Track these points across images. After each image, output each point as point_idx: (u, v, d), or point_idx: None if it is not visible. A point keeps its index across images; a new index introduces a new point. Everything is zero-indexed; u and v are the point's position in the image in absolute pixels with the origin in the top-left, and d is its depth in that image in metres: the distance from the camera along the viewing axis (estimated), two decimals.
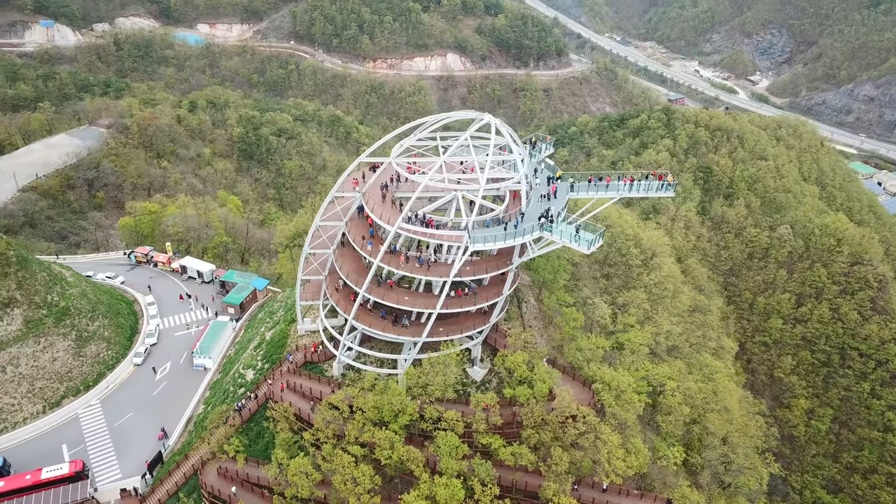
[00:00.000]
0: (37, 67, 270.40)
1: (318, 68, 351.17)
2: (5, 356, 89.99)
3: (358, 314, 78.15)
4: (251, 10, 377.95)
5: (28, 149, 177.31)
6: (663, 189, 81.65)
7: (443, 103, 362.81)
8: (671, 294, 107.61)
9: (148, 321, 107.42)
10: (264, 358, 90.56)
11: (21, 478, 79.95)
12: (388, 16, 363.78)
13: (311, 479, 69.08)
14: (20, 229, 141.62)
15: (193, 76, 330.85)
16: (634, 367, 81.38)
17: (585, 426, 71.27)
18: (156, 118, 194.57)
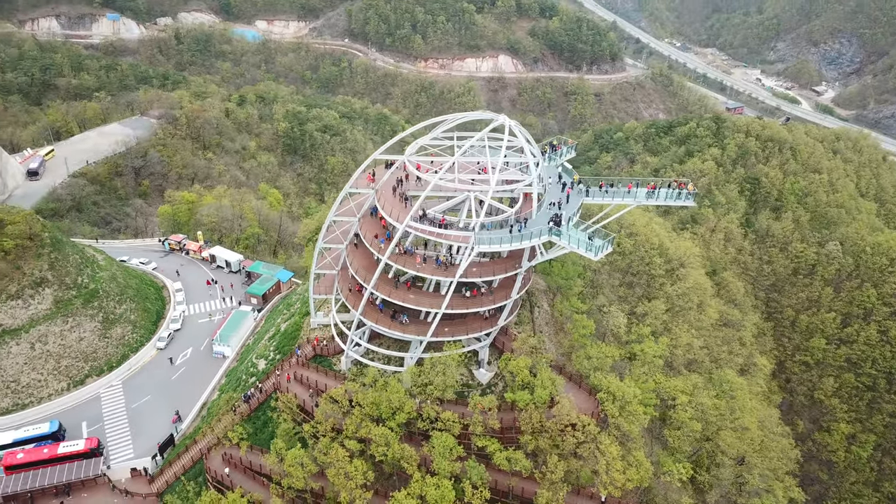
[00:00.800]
0: (100, 59, 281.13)
1: (369, 67, 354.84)
2: (35, 334, 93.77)
3: (366, 311, 78.53)
4: (308, 8, 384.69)
5: (82, 136, 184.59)
6: (683, 198, 79.50)
7: (492, 105, 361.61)
8: (695, 306, 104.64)
9: (174, 307, 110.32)
10: (276, 349, 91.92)
11: (39, 451, 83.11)
12: (441, 16, 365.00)
13: (306, 471, 69.75)
14: (67, 213, 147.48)
15: (249, 71, 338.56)
16: (644, 379, 79.25)
17: (584, 435, 69.95)
18: (204, 111, 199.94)
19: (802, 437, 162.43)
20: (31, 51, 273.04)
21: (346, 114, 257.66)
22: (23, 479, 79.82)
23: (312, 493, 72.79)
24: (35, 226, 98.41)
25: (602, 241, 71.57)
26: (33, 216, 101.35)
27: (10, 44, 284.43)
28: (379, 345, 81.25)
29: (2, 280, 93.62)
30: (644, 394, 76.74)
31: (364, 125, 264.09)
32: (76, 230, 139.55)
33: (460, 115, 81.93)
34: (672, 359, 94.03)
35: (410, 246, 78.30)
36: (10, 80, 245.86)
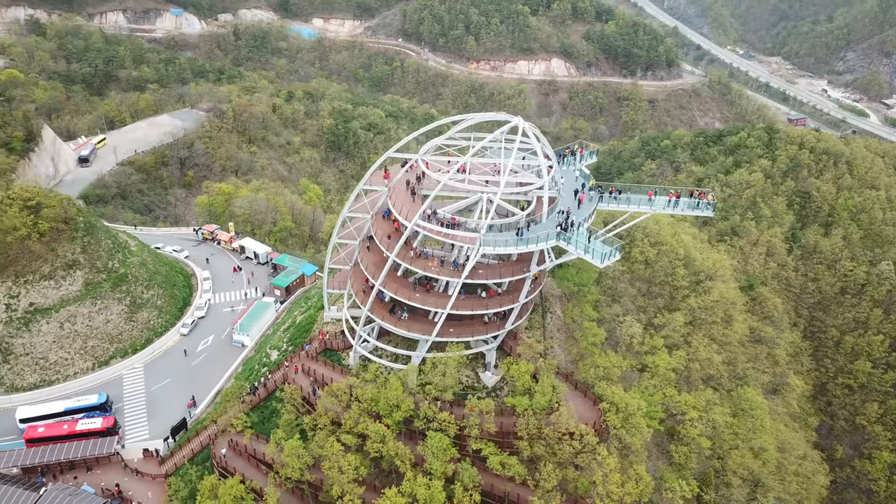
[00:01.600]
0: (160, 52, 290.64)
1: (421, 66, 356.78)
2: (64, 314, 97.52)
3: (375, 308, 78.93)
4: (364, 7, 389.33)
5: (134, 126, 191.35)
6: (702, 208, 77.48)
7: (542, 108, 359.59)
8: (720, 320, 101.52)
9: (200, 295, 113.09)
10: (289, 341, 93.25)
11: (59, 426, 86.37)
12: (495, 18, 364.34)
13: (302, 462, 70.50)
14: (112, 199, 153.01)
15: (303, 68, 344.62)
16: (652, 391, 77.35)
17: (582, 445, 68.67)
18: (252, 105, 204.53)
19: (841, 463, 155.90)
20: (97, 43, 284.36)
21: (392, 112, 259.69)
22: (41, 453, 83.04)
23: (310, 484, 73.53)
24: (70, 210, 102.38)
25: (610, 247, 70.45)
26: (69, 200, 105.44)
27: (79, 36, 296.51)
28: (387, 342, 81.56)
29: (36, 261, 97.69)
30: (649, 406, 74.94)
31: (410, 124, 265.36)
32: (119, 216, 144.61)
33: (477, 116, 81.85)
34: (689, 373, 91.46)
35: (420, 245, 78.35)
36: (76, 71, 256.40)
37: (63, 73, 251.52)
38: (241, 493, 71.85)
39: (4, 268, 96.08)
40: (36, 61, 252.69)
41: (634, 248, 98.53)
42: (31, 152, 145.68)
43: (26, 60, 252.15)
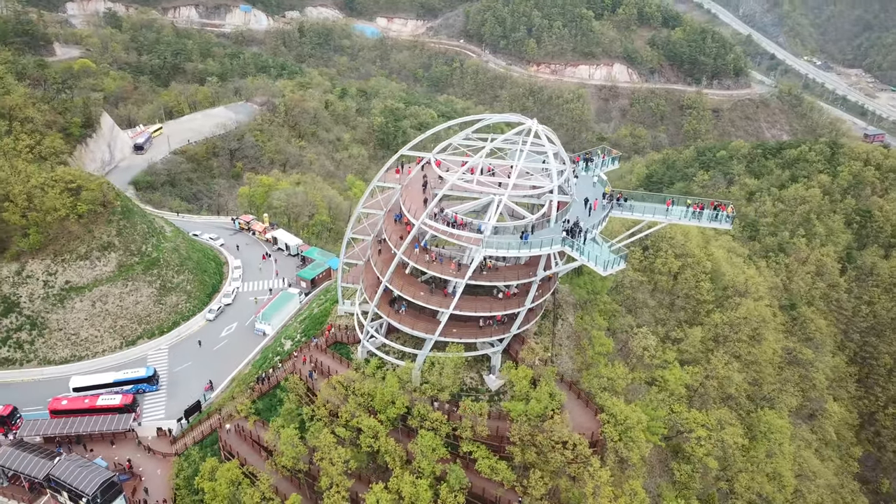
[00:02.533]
0: (226, 47, 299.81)
1: (480, 68, 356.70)
2: (97, 293, 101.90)
3: (382, 305, 79.45)
4: (428, 7, 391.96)
5: (190, 117, 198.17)
6: (721, 220, 74.93)
7: (601, 113, 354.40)
8: (747, 338, 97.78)
9: (230, 283, 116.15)
10: (303, 332, 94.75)
11: (80, 400, 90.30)
12: (558, 21, 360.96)
13: (295, 451, 71.59)
14: (161, 186, 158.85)
15: (364, 66, 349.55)
16: (655, 405, 75.25)
17: (574, 455, 67.32)
18: (304, 101, 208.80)
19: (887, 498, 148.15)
20: (167, 36, 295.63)
21: (445, 113, 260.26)
22: (63, 424, 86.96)
23: (306, 473, 74.55)
24: (109, 194, 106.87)
25: (615, 256, 69.00)
26: (108, 185, 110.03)
27: (152, 29, 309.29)
28: (395, 339, 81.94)
29: (74, 241, 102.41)
30: (651, 421, 72.92)
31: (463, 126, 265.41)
32: (165, 203, 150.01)
33: (495, 116, 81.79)
34: (705, 390, 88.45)
35: (422, 242, 78.32)
36: (145, 62, 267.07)
37: (133, 64, 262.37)
38: (237, 477, 73.65)
39: (45, 246, 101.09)
40: (109, 52, 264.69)
41: (658, 259, 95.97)
42: (89, 138, 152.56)
43: (100, 51, 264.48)
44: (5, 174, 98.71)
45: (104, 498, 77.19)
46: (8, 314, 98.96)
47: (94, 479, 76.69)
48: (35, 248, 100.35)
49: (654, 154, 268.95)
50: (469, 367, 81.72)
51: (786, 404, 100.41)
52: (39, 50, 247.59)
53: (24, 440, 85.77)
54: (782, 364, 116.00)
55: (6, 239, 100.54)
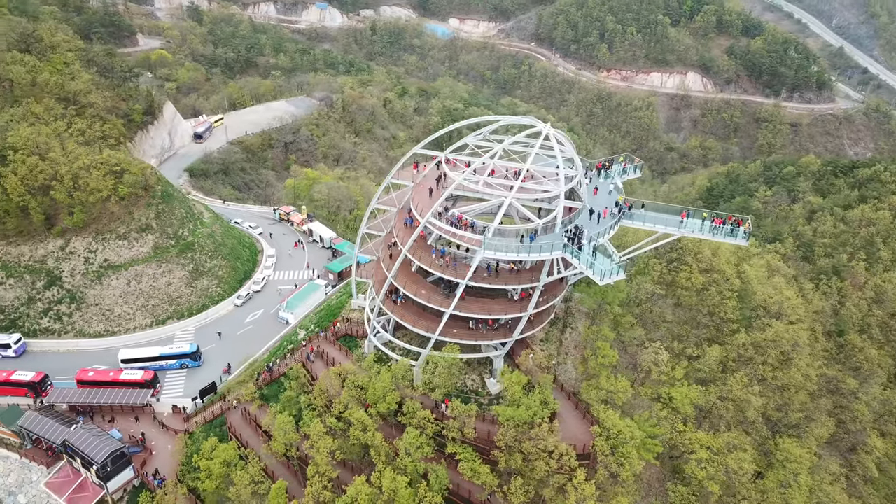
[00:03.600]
0: (298, 42, 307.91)
1: (549, 71, 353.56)
2: (132, 272, 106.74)
3: (388, 302, 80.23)
4: (501, 9, 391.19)
5: (252, 109, 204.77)
6: (737, 236, 72.25)
7: (671, 123, 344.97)
8: (773, 361, 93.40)
9: (261, 271, 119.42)
10: (317, 323, 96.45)
11: (106, 373, 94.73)
12: (632, 27, 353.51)
13: (287, 437, 73.15)
14: (214, 174, 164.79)
15: (432, 66, 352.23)
16: (654, 423, 73.00)
17: (559, 465, 66.11)
18: (362, 98, 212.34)
19: None
20: (244, 31, 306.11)
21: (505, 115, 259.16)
22: (87, 394, 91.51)
23: (300, 459, 75.99)
24: (151, 178, 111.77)
25: (614, 265, 67.40)
26: (151, 169, 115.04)
27: (230, 23, 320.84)
28: (402, 336, 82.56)
29: (114, 221, 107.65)
30: (646, 438, 70.79)
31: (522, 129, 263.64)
32: (215, 190, 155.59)
33: (510, 118, 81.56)
34: (720, 412, 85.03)
35: (434, 243, 78.55)
36: (220, 55, 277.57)
37: (209, 57, 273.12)
38: (232, 458, 75.78)
39: (87, 225, 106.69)
40: (187, 44, 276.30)
41: (681, 274, 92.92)
42: (150, 125, 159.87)
43: (179, 43, 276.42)
44: (56, 155, 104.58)
45: (113, 467, 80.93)
46: (50, 287, 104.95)
47: (104, 448, 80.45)
48: (79, 227, 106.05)
49: (718, 167, 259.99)
50: (472, 369, 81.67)
51: (813, 434, 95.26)
52: (123, 40, 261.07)
53: (51, 406, 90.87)
54: (820, 392, 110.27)
55: (54, 216, 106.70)
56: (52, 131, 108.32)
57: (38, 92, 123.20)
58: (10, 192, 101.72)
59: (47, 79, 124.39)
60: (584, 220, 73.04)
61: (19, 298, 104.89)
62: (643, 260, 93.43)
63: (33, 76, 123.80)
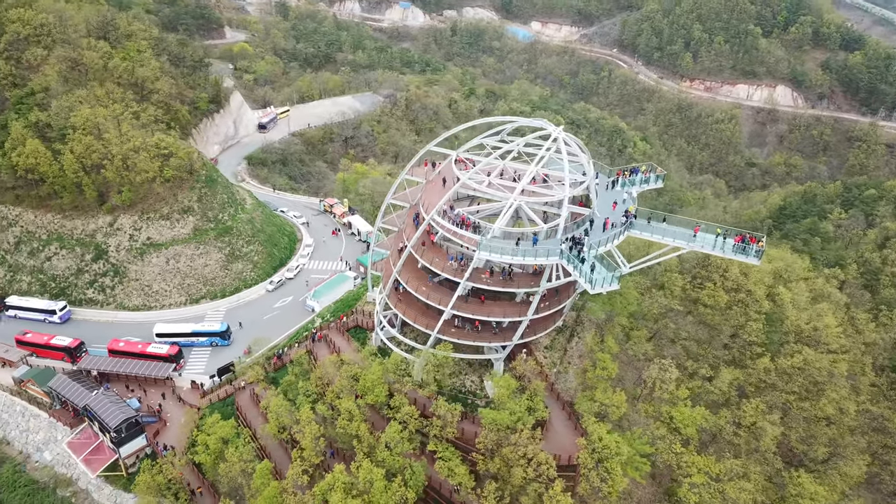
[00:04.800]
0: (376, 40, 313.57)
1: (629, 79, 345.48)
2: (171, 251, 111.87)
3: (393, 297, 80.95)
4: (584, 14, 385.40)
5: (318, 103, 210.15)
6: (749, 254, 69.04)
7: (755, 137, 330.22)
8: (800, 390, 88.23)
9: (297, 259, 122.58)
10: (333, 312, 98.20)
11: (134, 345, 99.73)
12: (720, 36, 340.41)
13: (280, 420, 75.00)
14: (273, 164, 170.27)
15: (510, 69, 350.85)
16: (647, 441, 70.57)
17: (537, 474, 64.88)
18: (427, 97, 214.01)
19: None
20: (326, 27, 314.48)
21: (575, 121, 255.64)
22: (115, 363, 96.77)
23: (293, 441, 77.67)
24: (196, 163, 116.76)
25: (609, 275, 65.62)
26: (198, 155, 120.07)
27: (315, 19, 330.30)
28: (408, 332, 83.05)
29: (159, 202, 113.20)
30: (635, 456, 68.46)
31: (592, 135, 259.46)
32: (270, 178, 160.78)
33: (522, 120, 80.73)
34: (729, 437, 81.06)
35: (440, 241, 78.63)
36: (300, 50, 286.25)
37: (289, 51, 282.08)
38: (228, 435, 78.33)
39: (135, 204, 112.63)
40: (270, 38, 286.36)
41: (704, 290, 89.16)
42: (216, 113, 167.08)
43: (263, 36, 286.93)
44: (110, 136, 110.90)
45: (126, 434, 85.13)
46: (97, 260, 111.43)
47: (119, 415, 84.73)
48: (126, 205, 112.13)
49: (794, 185, 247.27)
50: (473, 370, 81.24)
51: (840, 472, 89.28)
52: (211, 33, 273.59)
53: (81, 371, 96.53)
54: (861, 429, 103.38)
55: (105, 193, 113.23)
56: (110, 113, 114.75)
57: (108, 76, 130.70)
58: (67, 168, 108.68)
59: (117, 64, 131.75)
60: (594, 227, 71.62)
61: (69, 269, 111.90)
62: (663, 273, 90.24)
63: (105, 61, 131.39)
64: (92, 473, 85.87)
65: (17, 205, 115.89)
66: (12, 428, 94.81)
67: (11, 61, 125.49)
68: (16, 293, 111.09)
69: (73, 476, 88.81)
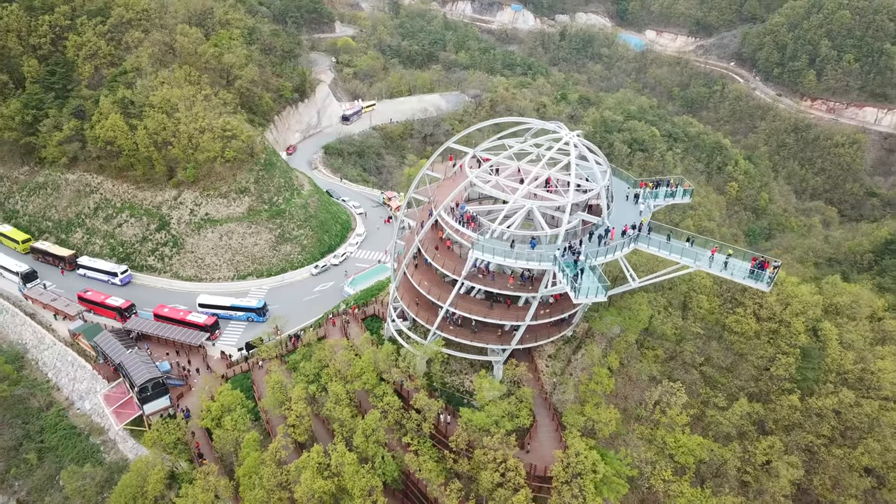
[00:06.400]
0: (480, 41, 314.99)
1: (743, 95, 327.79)
2: (225, 228, 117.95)
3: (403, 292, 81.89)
4: (703, 24, 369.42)
5: (405, 99, 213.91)
6: (757, 277, 64.70)
7: (879, 166, 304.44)
8: (828, 434, 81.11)
9: (346, 247, 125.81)
10: (356, 300, 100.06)
11: (176, 312, 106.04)
12: (850, 54, 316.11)
13: (275, 396, 77.59)
14: (349, 155, 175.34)
15: (617, 77, 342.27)
16: (628, 461, 67.52)
17: (504, 479, 63.65)
18: (513, 99, 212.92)
19: None
20: (433, 26, 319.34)
21: (672, 133, 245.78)
22: (158, 327, 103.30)
23: None
24: (257, 146, 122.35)
25: (594, 286, 63.39)
26: (261, 139, 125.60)
27: (424, 18, 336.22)
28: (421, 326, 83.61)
29: (219, 181, 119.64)
30: (611, 476, 65.58)
31: (689, 150, 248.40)
32: (343, 169, 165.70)
33: (536, 122, 79.34)
34: (740, 475, 75.68)
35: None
36: (404, 47, 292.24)
37: (394, 48, 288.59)
38: (231, 404, 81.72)
39: (197, 181, 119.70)
40: (376, 34, 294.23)
41: (732, 316, 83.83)
42: (300, 102, 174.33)
43: (369, 32, 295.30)
44: (181, 115, 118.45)
45: (152, 392, 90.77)
46: (160, 230, 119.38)
47: (145, 374, 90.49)
48: (190, 181, 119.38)
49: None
50: (475, 370, 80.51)
51: None
52: (322, 26, 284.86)
53: (125, 331, 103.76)
54: None
55: (173, 168, 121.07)
56: (184, 94, 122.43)
57: (196, 61, 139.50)
58: (139, 143, 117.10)
59: (205, 50, 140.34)
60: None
61: (136, 236, 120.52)
62: (688, 294, 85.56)
63: (195, 47, 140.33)
64: (117, 425, 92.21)
65: (99, 173, 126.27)
66: (63, 376, 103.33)
67: (113, 42, 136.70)
68: (88, 254, 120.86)
69: (105, 426, 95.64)
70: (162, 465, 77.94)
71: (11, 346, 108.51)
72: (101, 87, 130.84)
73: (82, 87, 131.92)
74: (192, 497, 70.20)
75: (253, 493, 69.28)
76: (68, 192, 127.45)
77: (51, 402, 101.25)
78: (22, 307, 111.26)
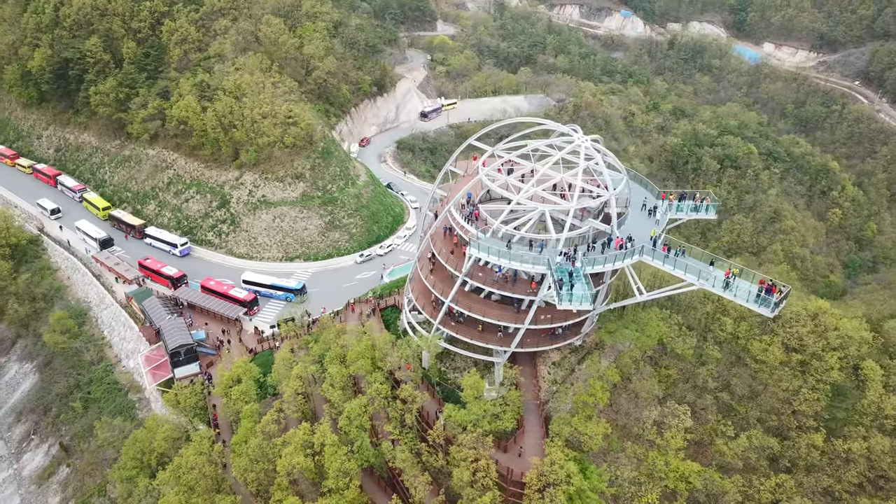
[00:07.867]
0: (581, 46, 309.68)
1: (865, 116, 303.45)
2: (278, 211, 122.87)
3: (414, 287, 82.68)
4: (828, 40, 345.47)
5: (487, 100, 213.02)
6: (764, 305, 60.91)
7: None
8: (854, 479, 74.44)
9: (394, 239, 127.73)
10: (381, 290, 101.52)
11: (221, 286, 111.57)
12: None
13: (281, 374, 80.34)
14: (420, 151, 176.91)
15: (726, 90, 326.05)
16: (609, 476, 65.14)
17: (473, 478, 63.03)
18: (599, 105, 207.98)
19: None
20: (536, 29, 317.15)
21: (772, 152, 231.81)
22: (202, 298, 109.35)
23: None
24: (316, 134, 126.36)
25: (585, 294, 61.70)
26: (322, 127, 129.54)
27: (528, 20, 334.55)
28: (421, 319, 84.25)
29: (277, 165, 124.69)
30: (585, 490, 63.42)
31: (790, 171, 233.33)
32: (411, 164, 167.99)
33: (551, 123, 78.20)
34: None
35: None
36: (503, 48, 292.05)
37: (492, 48, 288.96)
38: (243, 375, 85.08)
39: (258, 164, 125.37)
40: (475, 34, 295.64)
41: (757, 343, 78.63)
42: (379, 96, 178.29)
43: (469, 32, 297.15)
44: (247, 101, 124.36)
45: (184, 357, 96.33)
46: (221, 208, 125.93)
47: (178, 340, 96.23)
48: (252, 163, 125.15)
49: None
50: (478, 370, 79.87)
51: None
52: (424, 24, 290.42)
53: (174, 299, 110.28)
54: None
55: (237, 150, 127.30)
56: (254, 80, 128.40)
57: (277, 50, 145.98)
58: (207, 124, 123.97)
59: (286, 40, 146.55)
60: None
61: (199, 212, 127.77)
62: (710, 315, 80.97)
63: (277, 36, 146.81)
64: (151, 384, 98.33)
65: (174, 151, 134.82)
66: (115, 334, 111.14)
67: (202, 29, 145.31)
68: (158, 225, 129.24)
69: (142, 385, 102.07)
70: (171, 425, 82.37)
71: (78, 302, 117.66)
72: (187, 70, 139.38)
73: (171, 69, 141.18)
74: (187, 458, 73.77)
75: (239, 461, 72.08)
76: (147, 167, 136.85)
77: (101, 357, 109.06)
78: (91, 268, 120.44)
